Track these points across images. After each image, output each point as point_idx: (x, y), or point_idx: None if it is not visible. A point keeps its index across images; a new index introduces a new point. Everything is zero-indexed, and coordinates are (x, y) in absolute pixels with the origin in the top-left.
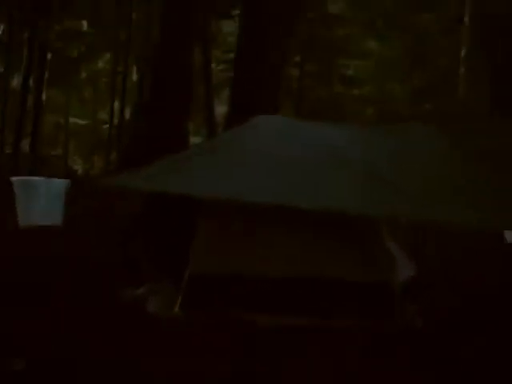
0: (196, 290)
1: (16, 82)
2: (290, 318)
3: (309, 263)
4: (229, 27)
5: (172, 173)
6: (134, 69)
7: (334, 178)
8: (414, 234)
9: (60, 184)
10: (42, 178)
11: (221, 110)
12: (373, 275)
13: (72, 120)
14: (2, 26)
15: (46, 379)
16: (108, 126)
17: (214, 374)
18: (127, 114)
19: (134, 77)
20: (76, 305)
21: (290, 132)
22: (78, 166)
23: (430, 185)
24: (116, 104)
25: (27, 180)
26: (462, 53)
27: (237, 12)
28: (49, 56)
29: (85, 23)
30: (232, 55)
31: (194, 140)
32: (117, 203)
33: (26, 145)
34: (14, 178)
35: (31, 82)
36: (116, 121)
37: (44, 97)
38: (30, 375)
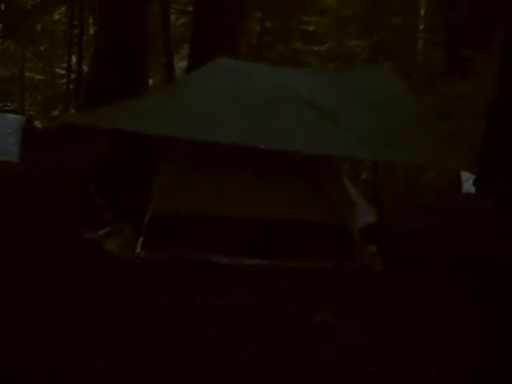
0: (158, 231)
1: None
2: (251, 259)
3: (270, 205)
4: None
5: (128, 112)
6: (91, 21)
7: (289, 120)
8: (374, 182)
9: (15, 120)
10: None
11: (181, 66)
12: (331, 218)
13: (28, 74)
14: None
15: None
16: (65, 80)
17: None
18: (85, 68)
19: (91, 30)
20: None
21: (249, 74)
22: (37, 121)
23: (379, 127)
24: (73, 58)
25: None
26: (422, 11)
27: None
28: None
29: None
30: (191, 8)
31: None
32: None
33: None
34: None
35: None
36: (73, 75)
37: None
38: None
